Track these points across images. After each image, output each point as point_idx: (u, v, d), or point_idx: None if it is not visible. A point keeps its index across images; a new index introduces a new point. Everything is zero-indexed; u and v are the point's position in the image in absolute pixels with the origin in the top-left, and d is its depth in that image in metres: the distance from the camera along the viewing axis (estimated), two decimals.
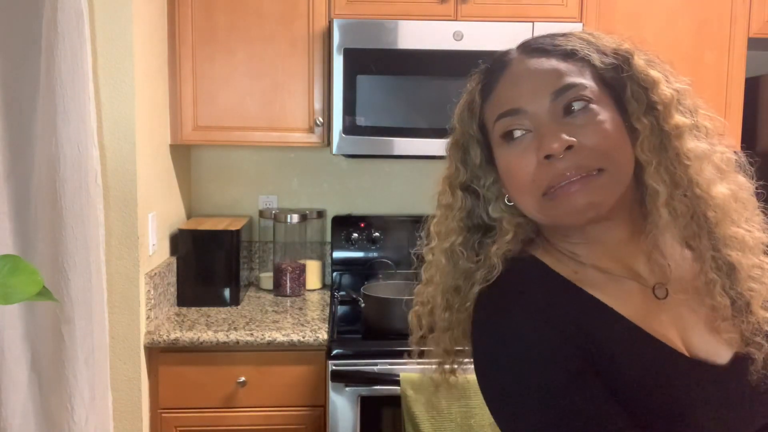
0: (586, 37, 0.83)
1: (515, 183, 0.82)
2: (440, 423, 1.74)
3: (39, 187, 1.47)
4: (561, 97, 0.78)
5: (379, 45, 2.09)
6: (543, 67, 0.80)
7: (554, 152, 0.76)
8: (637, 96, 0.80)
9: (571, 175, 0.76)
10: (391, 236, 2.46)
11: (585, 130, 0.77)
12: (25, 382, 1.47)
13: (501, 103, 0.82)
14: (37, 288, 0.81)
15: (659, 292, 0.82)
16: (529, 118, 0.79)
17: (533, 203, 0.81)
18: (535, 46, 0.83)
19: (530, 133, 0.79)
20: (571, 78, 0.79)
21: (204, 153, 2.53)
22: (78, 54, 1.46)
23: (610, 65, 0.80)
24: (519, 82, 0.81)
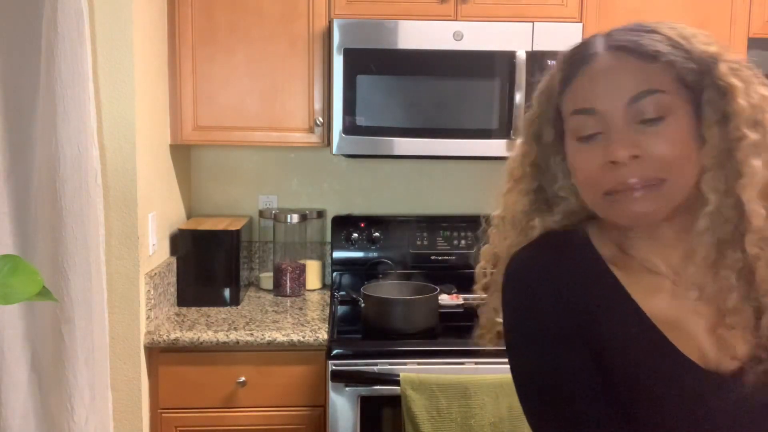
0: (674, 37, 0.81)
1: (579, 178, 0.84)
2: (440, 423, 1.74)
3: (39, 187, 1.47)
4: (637, 102, 0.79)
5: (379, 45, 2.09)
6: (624, 69, 0.81)
7: (620, 160, 0.78)
8: (713, 103, 0.79)
9: (634, 183, 0.78)
10: (391, 236, 2.46)
11: (655, 139, 0.78)
12: (25, 382, 1.48)
13: (578, 98, 0.83)
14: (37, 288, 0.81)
15: (690, 294, 0.84)
16: (603, 119, 0.80)
17: (592, 199, 0.84)
18: (620, 43, 0.82)
19: (601, 134, 0.81)
20: (651, 84, 0.79)
21: (204, 153, 2.53)
22: (78, 54, 1.46)
23: (693, 69, 0.80)
24: (598, 80, 0.82)
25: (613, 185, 0.80)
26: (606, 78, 0.81)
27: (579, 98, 0.83)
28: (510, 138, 2.09)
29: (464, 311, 2.19)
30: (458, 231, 2.47)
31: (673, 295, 0.84)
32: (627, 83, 0.80)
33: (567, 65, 0.86)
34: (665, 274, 0.85)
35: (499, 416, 1.73)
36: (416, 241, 2.46)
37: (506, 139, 2.10)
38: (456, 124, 2.11)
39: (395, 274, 2.36)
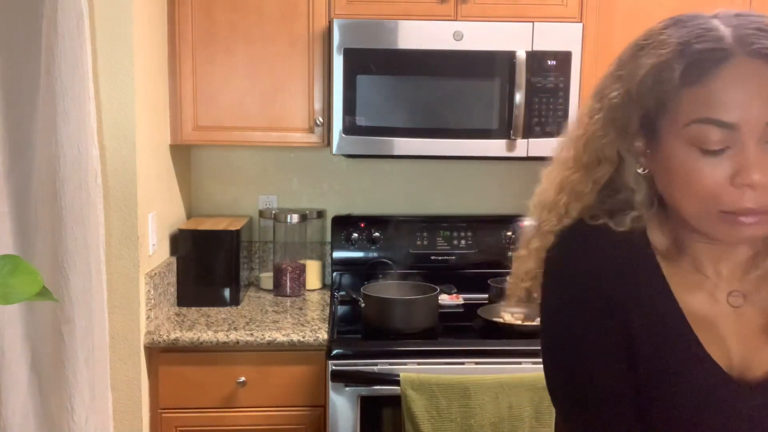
0: None
1: (691, 189, 0.77)
2: (440, 423, 1.74)
3: (39, 187, 1.47)
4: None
5: (379, 45, 2.09)
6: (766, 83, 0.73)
7: (756, 185, 0.73)
8: None
9: (757, 212, 0.74)
10: (391, 236, 2.46)
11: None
12: (25, 382, 1.48)
13: (710, 105, 0.74)
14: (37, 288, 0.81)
15: (734, 300, 0.83)
16: (737, 135, 0.73)
17: (701, 213, 0.78)
18: (758, 46, 0.73)
19: (730, 149, 0.74)
20: None
21: (204, 153, 2.53)
22: (78, 54, 1.46)
23: None
24: (737, 91, 0.73)
25: (733, 207, 0.74)
26: (746, 90, 0.73)
27: (710, 106, 0.74)
28: (510, 138, 2.09)
29: (464, 311, 2.19)
30: (458, 231, 2.47)
31: (712, 298, 0.84)
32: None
33: (693, 58, 0.75)
34: (710, 277, 0.85)
35: (499, 416, 1.74)
36: (416, 241, 2.46)
37: (506, 139, 2.10)
38: (456, 124, 2.11)
39: (395, 274, 2.37)
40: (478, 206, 2.55)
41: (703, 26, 0.76)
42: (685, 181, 0.77)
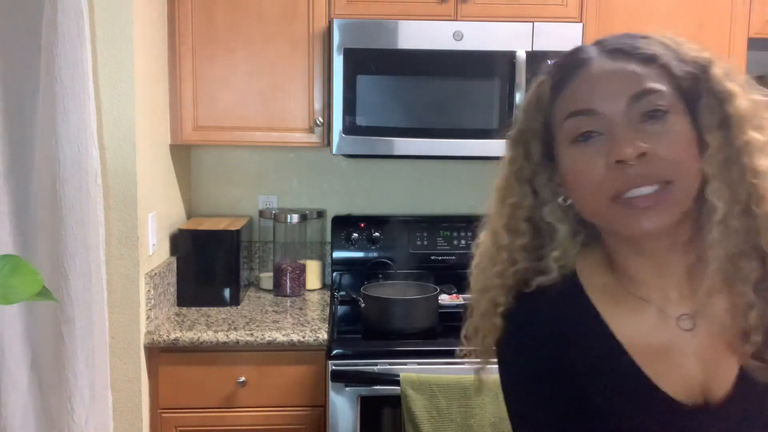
0: (667, 42, 0.81)
1: (580, 184, 0.80)
2: (440, 423, 1.74)
3: (39, 187, 1.47)
4: (638, 102, 0.77)
5: (379, 45, 2.09)
6: (622, 70, 0.79)
7: (627, 158, 0.75)
8: (712, 108, 0.78)
9: (642, 182, 0.75)
10: (391, 236, 2.46)
11: (659, 138, 0.76)
12: (25, 382, 1.47)
13: (574, 101, 0.80)
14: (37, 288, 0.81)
15: (685, 324, 0.82)
16: (603, 120, 0.78)
17: (597, 206, 0.80)
18: (615, 47, 0.81)
19: (602, 135, 0.78)
20: (651, 83, 0.77)
21: (204, 153, 2.53)
22: (78, 54, 1.46)
23: (688, 74, 0.79)
24: (596, 82, 0.79)
25: (619, 187, 0.76)
26: (605, 79, 0.79)
27: (576, 101, 0.80)
28: None
29: (464, 311, 2.19)
30: (458, 231, 2.47)
31: (661, 325, 0.83)
32: (628, 82, 0.78)
33: (559, 71, 0.83)
34: (657, 302, 0.83)
35: (500, 416, 1.73)
36: (416, 241, 2.46)
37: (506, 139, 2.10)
38: (456, 124, 2.11)
39: (395, 274, 2.36)
40: (478, 206, 2.55)
41: (574, 49, 0.84)
42: (574, 179, 0.81)
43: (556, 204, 0.87)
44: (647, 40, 0.80)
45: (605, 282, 0.86)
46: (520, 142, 0.87)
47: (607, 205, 0.78)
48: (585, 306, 0.86)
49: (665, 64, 0.78)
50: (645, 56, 0.79)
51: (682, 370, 0.80)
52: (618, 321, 0.84)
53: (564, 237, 0.87)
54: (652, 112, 0.77)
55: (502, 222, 0.89)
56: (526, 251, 0.89)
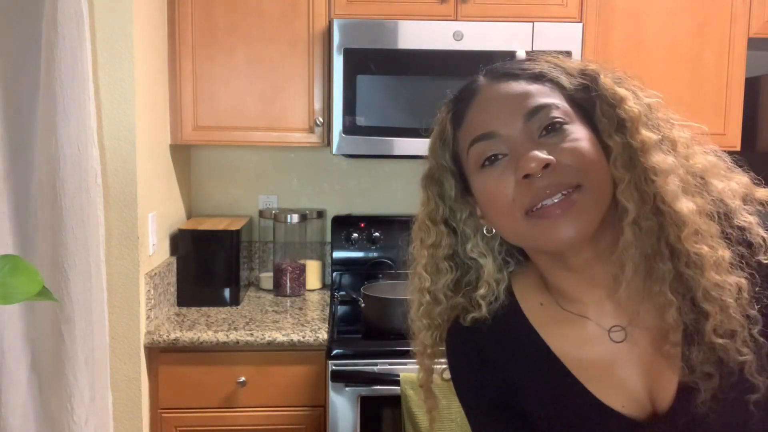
0: (552, 60, 0.83)
1: (494, 206, 0.81)
2: (440, 423, 1.74)
3: (39, 187, 1.47)
4: (534, 117, 0.78)
5: (379, 45, 2.09)
6: (513, 90, 0.80)
7: (532, 171, 0.75)
8: (607, 114, 0.79)
9: (551, 192, 0.76)
10: (391, 236, 2.46)
11: (561, 148, 0.77)
12: (25, 382, 1.47)
13: (473, 128, 0.82)
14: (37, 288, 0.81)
15: (616, 336, 0.82)
16: (504, 141, 0.79)
17: (514, 225, 0.80)
18: (502, 71, 0.83)
19: (506, 156, 0.79)
20: (543, 98, 0.79)
21: (204, 153, 2.53)
22: (78, 54, 1.46)
23: (578, 85, 0.81)
24: (490, 106, 0.81)
25: (531, 200, 0.76)
26: (498, 101, 0.81)
27: (476, 127, 0.81)
28: None
29: None
30: None
31: (599, 341, 0.83)
32: (520, 101, 0.79)
33: (454, 105, 0.85)
34: (592, 319, 0.83)
35: None
36: None
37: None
38: None
39: (395, 274, 2.36)
40: None
41: (465, 83, 0.87)
42: (487, 202, 0.82)
43: (479, 239, 0.88)
44: (533, 62, 0.83)
45: (542, 301, 0.87)
46: (433, 182, 0.89)
47: (523, 220, 0.78)
48: (524, 328, 0.87)
49: (553, 78, 0.80)
50: (533, 75, 0.81)
51: (626, 383, 0.81)
52: (558, 340, 0.85)
53: (489, 272, 0.88)
54: (549, 125, 0.78)
55: (422, 264, 0.90)
56: (452, 289, 0.89)
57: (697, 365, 0.76)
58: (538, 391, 0.85)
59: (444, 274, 0.89)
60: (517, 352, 0.87)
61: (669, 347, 0.78)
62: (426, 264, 0.89)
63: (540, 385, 0.85)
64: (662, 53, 2.20)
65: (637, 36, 2.20)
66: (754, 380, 0.74)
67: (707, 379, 0.75)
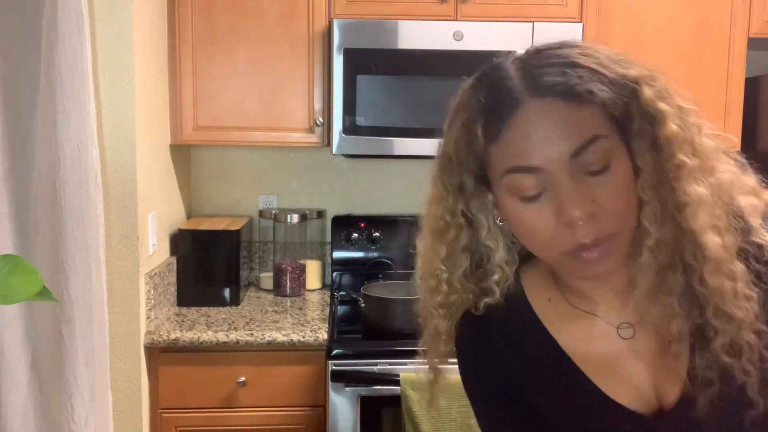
0: (594, 67, 0.75)
1: (529, 237, 0.78)
2: (440, 423, 1.74)
3: (39, 187, 1.47)
4: (581, 155, 0.73)
5: (379, 45, 2.09)
6: (559, 119, 0.73)
7: (577, 220, 0.72)
8: (644, 131, 0.75)
9: (591, 245, 0.74)
10: (391, 236, 2.46)
11: (605, 190, 0.73)
12: (25, 382, 1.47)
13: (513, 155, 0.75)
14: (37, 288, 0.81)
15: (624, 332, 0.83)
16: (547, 177, 0.74)
17: (547, 255, 0.79)
18: (545, 84, 0.74)
19: (547, 191, 0.74)
20: (589, 130, 0.73)
21: (204, 153, 2.53)
22: (78, 54, 1.46)
23: (619, 99, 0.74)
24: (534, 133, 0.74)
25: (571, 246, 0.74)
26: (541, 132, 0.73)
27: (516, 155, 0.75)
28: None
29: None
30: None
31: (606, 336, 0.83)
32: (566, 135, 0.73)
33: (488, 112, 0.77)
34: (600, 316, 0.84)
35: None
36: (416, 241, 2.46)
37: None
38: None
39: (395, 274, 2.36)
40: None
41: (495, 78, 0.78)
42: (520, 230, 0.79)
43: (492, 225, 0.85)
44: (577, 72, 0.74)
45: (550, 296, 0.87)
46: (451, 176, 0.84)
47: (558, 256, 0.77)
48: (532, 322, 0.87)
49: (598, 98, 0.73)
50: (579, 94, 0.73)
51: (633, 378, 0.82)
52: (566, 335, 0.85)
53: (501, 257, 0.86)
54: (595, 160, 0.73)
55: (439, 257, 0.87)
56: (466, 277, 0.88)
57: (700, 371, 0.76)
58: (545, 384, 0.85)
59: (462, 264, 0.87)
60: (524, 346, 0.87)
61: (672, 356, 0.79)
62: (445, 257, 0.87)
63: (547, 379, 0.85)
64: (662, 53, 2.20)
65: (637, 36, 2.20)
66: (754, 397, 0.74)
67: (708, 386, 0.76)
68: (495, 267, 0.87)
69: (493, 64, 0.82)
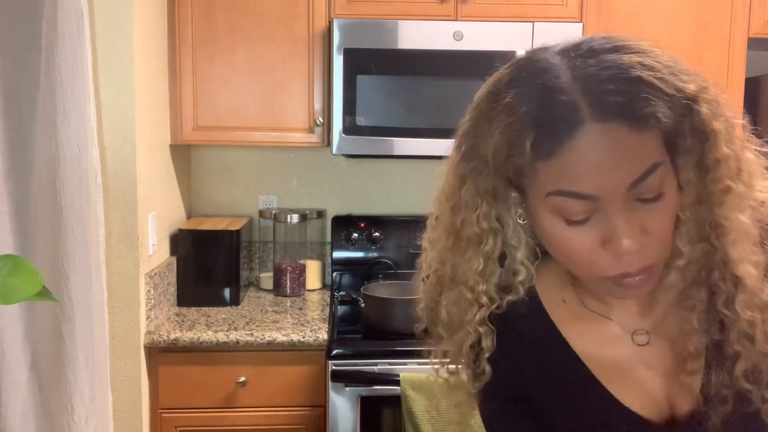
0: (655, 82, 0.68)
1: (566, 258, 0.75)
2: (440, 423, 1.74)
3: (39, 187, 1.47)
4: (638, 186, 0.68)
5: (379, 45, 2.09)
6: (622, 146, 0.67)
7: (627, 252, 0.69)
8: (693, 149, 0.71)
9: (634, 274, 0.71)
10: (391, 236, 2.46)
11: (657, 219, 0.70)
12: (25, 382, 1.48)
13: (566, 178, 0.69)
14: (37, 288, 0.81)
15: (640, 339, 0.82)
16: (599, 204, 0.69)
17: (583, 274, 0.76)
18: (609, 106, 0.67)
19: (595, 215, 0.70)
20: (649, 158, 0.68)
21: (204, 153, 2.53)
22: (78, 54, 1.46)
23: (675, 117, 0.69)
24: (592, 161, 0.67)
25: (614, 274, 0.71)
26: (601, 159, 0.67)
27: (566, 179, 0.69)
28: None
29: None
30: None
31: (621, 341, 0.82)
32: (626, 164, 0.68)
33: (540, 130, 0.69)
34: (614, 320, 0.83)
35: None
36: (416, 241, 2.45)
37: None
38: (456, 125, 2.09)
39: (395, 274, 2.36)
40: None
41: (550, 87, 0.69)
42: (559, 249, 0.74)
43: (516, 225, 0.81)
44: (640, 88, 0.68)
45: (565, 297, 0.85)
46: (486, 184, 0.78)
47: (599, 279, 0.74)
48: (544, 322, 0.85)
49: (659, 121, 0.68)
50: (641, 118, 0.67)
51: (645, 386, 0.81)
52: (578, 338, 0.84)
53: (524, 254, 0.83)
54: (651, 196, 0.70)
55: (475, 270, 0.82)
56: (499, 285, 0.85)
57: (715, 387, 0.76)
58: (556, 386, 0.84)
59: (495, 272, 0.82)
60: (536, 346, 0.85)
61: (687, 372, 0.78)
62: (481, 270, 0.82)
63: (558, 381, 0.84)
64: None
65: (637, 36, 2.19)
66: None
67: (722, 404, 0.75)
68: (519, 266, 0.83)
69: (541, 63, 0.73)
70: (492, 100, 0.74)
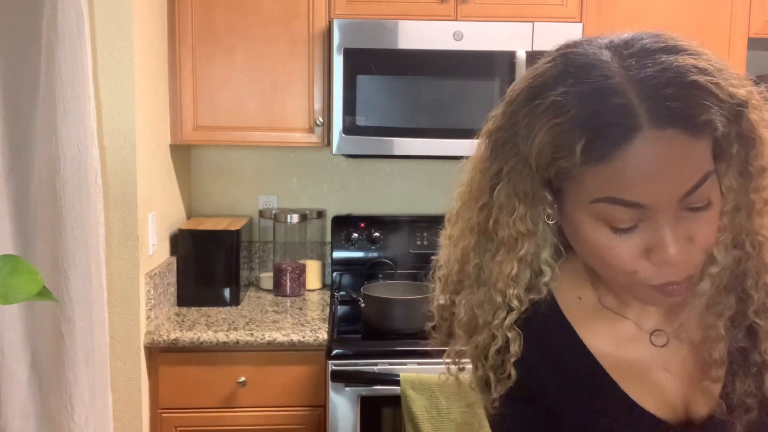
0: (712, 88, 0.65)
1: (603, 263, 0.72)
2: (440, 423, 1.74)
3: (39, 187, 1.47)
4: (691, 196, 0.66)
5: (379, 45, 2.09)
6: (678, 156, 0.65)
7: (673, 262, 0.67)
8: (737, 156, 0.69)
9: (677, 281, 0.70)
10: (391, 236, 2.46)
11: (703, 228, 0.68)
12: (25, 382, 1.48)
13: (617, 186, 0.66)
14: (37, 288, 0.81)
15: (658, 340, 0.81)
16: (648, 212, 0.67)
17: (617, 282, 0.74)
18: (668, 112, 0.64)
19: (642, 223, 0.68)
20: (704, 167, 0.66)
21: (204, 153, 2.53)
22: (78, 54, 1.46)
23: (725, 125, 0.66)
24: (647, 169, 0.64)
25: (655, 282, 0.70)
26: (656, 168, 0.64)
27: (617, 186, 0.66)
28: None
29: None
30: None
31: (638, 342, 0.81)
32: (681, 174, 0.65)
33: (593, 133, 0.65)
34: (631, 319, 0.81)
35: None
36: (416, 241, 2.46)
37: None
38: (456, 124, 2.11)
39: (395, 274, 2.36)
40: None
41: (604, 89, 0.65)
42: (598, 255, 0.71)
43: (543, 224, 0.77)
44: (697, 93, 0.64)
45: (581, 295, 0.83)
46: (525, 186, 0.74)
47: (637, 286, 0.72)
48: (559, 323, 0.83)
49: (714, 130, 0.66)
50: (698, 126, 0.64)
51: (662, 387, 0.80)
52: (593, 336, 0.82)
53: (549, 254, 0.79)
54: (700, 206, 0.68)
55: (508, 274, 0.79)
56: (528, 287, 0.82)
57: (738, 395, 0.75)
58: (569, 384, 0.83)
59: (526, 275, 0.80)
60: (549, 345, 0.84)
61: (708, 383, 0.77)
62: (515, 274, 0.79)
63: (571, 379, 0.82)
64: None
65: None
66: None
67: (746, 412, 0.74)
68: (545, 266, 0.79)
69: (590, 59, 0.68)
70: (533, 97, 0.69)
